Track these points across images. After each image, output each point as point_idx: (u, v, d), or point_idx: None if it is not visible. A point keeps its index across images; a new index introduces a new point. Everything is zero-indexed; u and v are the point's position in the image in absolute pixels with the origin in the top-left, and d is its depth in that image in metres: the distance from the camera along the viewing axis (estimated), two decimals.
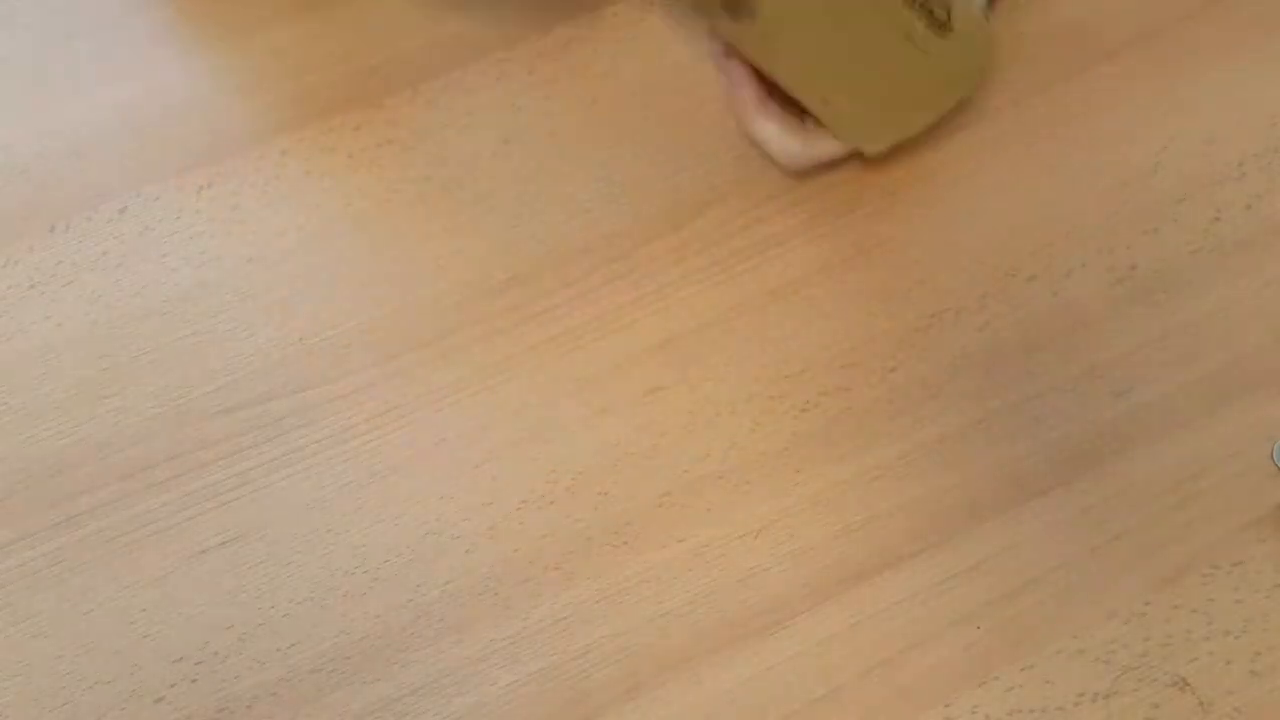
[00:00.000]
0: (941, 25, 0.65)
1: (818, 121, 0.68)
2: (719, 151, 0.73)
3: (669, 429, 0.65)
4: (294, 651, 0.60)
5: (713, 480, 0.63)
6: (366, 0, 0.80)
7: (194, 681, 0.60)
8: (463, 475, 0.64)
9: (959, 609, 0.59)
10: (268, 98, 0.77)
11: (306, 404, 0.66)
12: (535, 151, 0.74)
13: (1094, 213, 0.71)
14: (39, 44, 0.80)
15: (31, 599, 0.62)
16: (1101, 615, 0.59)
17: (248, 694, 0.59)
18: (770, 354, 0.67)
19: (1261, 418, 0.64)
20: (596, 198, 0.72)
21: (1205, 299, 0.68)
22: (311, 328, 0.68)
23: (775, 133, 0.69)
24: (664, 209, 0.72)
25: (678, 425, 0.65)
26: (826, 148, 0.69)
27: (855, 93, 0.67)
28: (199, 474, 0.64)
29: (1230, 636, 0.58)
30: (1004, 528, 0.61)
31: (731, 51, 0.69)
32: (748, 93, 0.69)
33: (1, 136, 0.76)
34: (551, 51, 0.76)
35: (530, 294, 0.69)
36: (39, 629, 0.61)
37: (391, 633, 0.60)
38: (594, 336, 0.68)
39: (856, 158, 0.71)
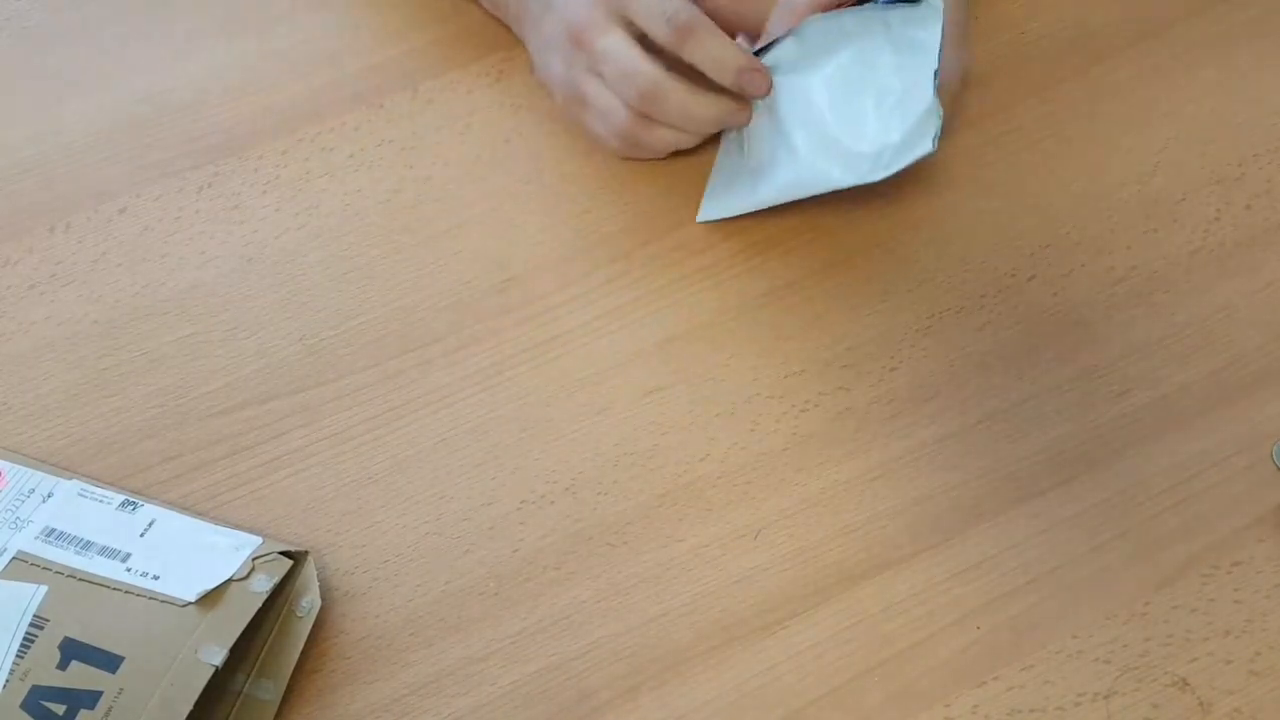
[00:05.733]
0: None
1: None
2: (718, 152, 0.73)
3: (669, 429, 0.65)
4: None
5: (713, 480, 0.63)
6: (367, 1, 0.80)
7: None
8: (463, 475, 0.64)
9: (959, 609, 0.59)
10: (268, 98, 0.77)
11: (306, 404, 0.66)
12: (535, 151, 0.74)
13: (1094, 213, 0.71)
14: (40, 44, 0.80)
15: None
16: (1101, 615, 0.59)
17: None
18: (770, 354, 0.67)
19: (1261, 418, 0.64)
20: (596, 198, 0.72)
21: (1205, 299, 0.68)
22: (311, 328, 0.68)
23: None
24: (664, 209, 0.72)
25: (678, 425, 0.65)
26: None
27: None
28: (199, 474, 0.64)
29: (1230, 636, 0.58)
30: (1004, 528, 0.61)
31: None
32: None
33: (2, 136, 0.76)
34: None
35: (530, 294, 0.69)
36: None
37: (391, 632, 0.60)
38: (594, 336, 0.68)
39: None
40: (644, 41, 0.68)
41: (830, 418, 0.65)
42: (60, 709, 0.54)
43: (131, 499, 0.61)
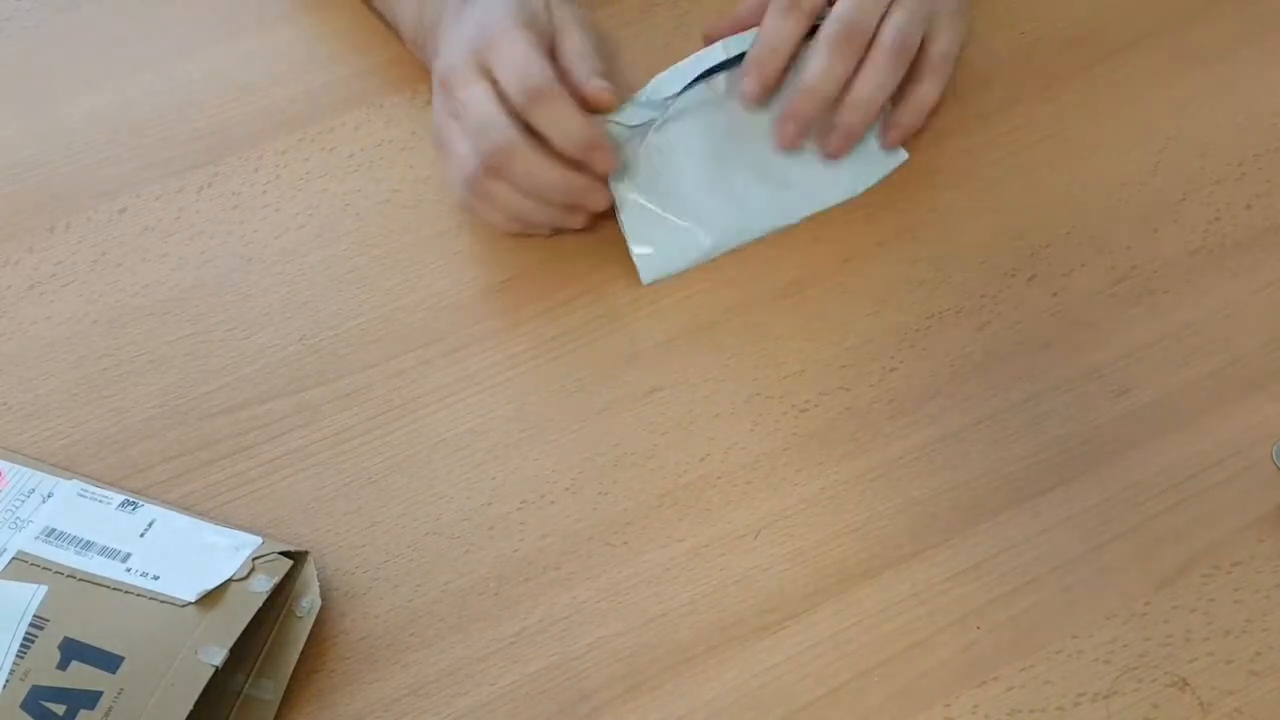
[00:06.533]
0: None
1: None
2: None
3: (669, 429, 0.65)
4: None
5: (713, 480, 0.63)
6: (366, 2, 0.80)
7: None
8: (463, 475, 0.64)
9: (959, 609, 0.59)
10: (268, 97, 0.77)
11: (306, 404, 0.66)
12: None
13: (1094, 213, 0.71)
14: (40, 44, 0.80)
15: None
16: (1101, 615, 0.59)
17: None
18: (770, 354, 0.67)
19: (1261, 418, 0.64)
20: None
21: (1205, 299, 0.68)
22: (311, 328, 0.69)
23: None
24: None
25: (678, 425, 0.65)
26: None
27: None
28: (199, 474, 0.64)
29: (1230, 636, 0.58)
30: (1004, 528, 0.61)
31: None
32: None
33: (2, 136, 0.76)
34: None
35: (530, 294, 0.69)
36: None
37: (391, 633, 0.60)
38: (594, 336, 0.68)
39: None
40: (506, 101, 0.66)
41: (830, 418, 0.65)
42: (60, 709, 0.54)
43: (131, 499, 0.61)
